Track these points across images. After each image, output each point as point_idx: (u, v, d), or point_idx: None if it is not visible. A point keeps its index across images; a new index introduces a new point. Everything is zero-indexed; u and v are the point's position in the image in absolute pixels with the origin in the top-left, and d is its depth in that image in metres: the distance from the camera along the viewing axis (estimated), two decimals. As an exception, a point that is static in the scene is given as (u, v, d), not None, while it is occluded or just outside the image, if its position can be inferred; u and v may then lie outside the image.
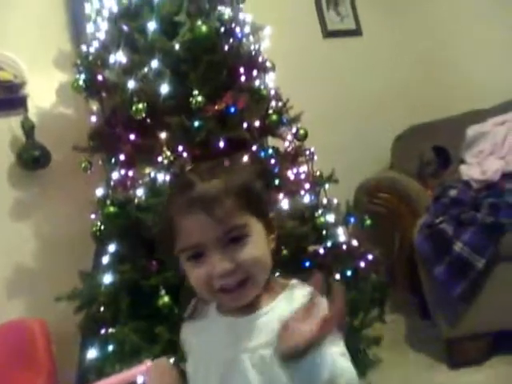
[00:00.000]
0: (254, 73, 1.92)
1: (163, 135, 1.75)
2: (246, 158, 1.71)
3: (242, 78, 1.86)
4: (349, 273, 1.90)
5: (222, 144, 1.73)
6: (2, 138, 2.13)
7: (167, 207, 0.79)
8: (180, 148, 1.73)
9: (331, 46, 3.22)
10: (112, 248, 1.70)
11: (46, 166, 2.13)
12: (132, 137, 1.79)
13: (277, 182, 1.84)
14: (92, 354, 1.65)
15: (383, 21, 3.38)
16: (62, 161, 2.17)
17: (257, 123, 1.82)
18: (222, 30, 1.83)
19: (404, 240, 2.25)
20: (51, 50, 2.30)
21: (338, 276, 1.84)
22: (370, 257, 1.97)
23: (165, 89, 1.74)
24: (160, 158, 1.73)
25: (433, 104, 3.20)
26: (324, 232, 1.88)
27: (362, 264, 1.94)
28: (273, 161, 1.85)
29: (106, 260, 1.71)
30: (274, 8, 2.75)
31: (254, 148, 1.80)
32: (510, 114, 2.78)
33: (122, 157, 1.82)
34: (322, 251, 1.86)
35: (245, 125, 1.78)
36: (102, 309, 1.69)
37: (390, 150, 2.95)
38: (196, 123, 1.71)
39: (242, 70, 1.85)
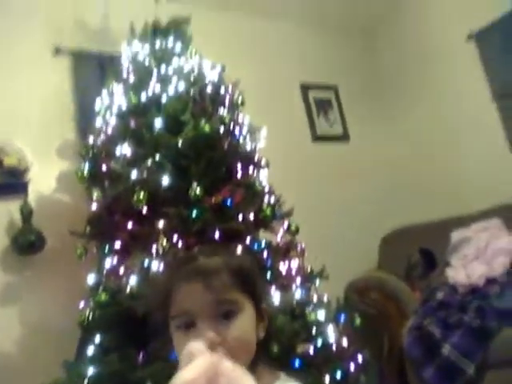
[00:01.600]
0: (250, 169, 2.03)
1: (161, 224, 1.79)
2: (239, 250, 1.75)
3: (239, 174, 1.96)
4: (338, 375, 1.85)
5: (217, 234, 1.77)
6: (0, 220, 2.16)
7: (167, 275, 0.84)
8: (176, 237, 1.77)
9: (320, 149, 3.42)
10: (99, 338, 1.66)
11: (40, 251, 2.14)
12: (130, 225, 1.83)
13: (269, 275, 1.86)
14: None
15: (369, 128, 3.64)
16: (56, 247, 2.19)
17: (251, 216, 1.89)
18: (223, 129, 1.96)
19: (393, 341, 2.23)
20: (56, 139, 2.42)
21: (327, 378, 1.79)
22: (360, 358, 1.94)
23: (166, 180, 1.82)
24: (155, 247, 1.76)
25: (418, 207, 3.35)
26: (314, 329, 1.87)
27: (352, 365, 1.91)
28: (265, 254, 1.88)
29: (91, 350, 1.66)
30: (270, 112, 2.97)
31: (248, 240, 1.85)
32: (492, 222, 2.89)
33: (117, 244, 1.85)
34: (311, 351, 1.84)
35: (240, 217, 1.84)
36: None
37: (377, 250, 3.02)
38: (194, 213, 1.77)
39: (239, 166, 1.96)
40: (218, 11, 3.15)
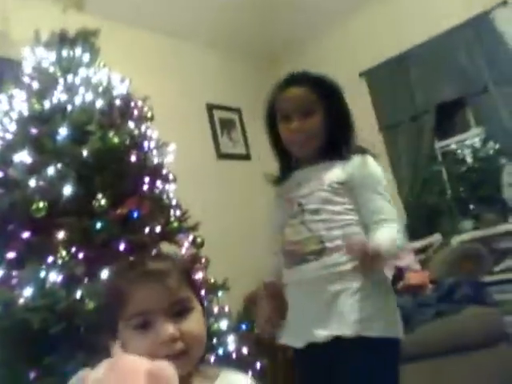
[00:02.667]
0: (158, 183, 2.05)
1: (60, 235, 1.75)
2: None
3: (146, 187, 1.98)
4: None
5: (122, 246, 1.77)
6: None
7: (117, 279, 0.87)
8: (76, 249, 1.74)
9: (224, 167, 3.53)
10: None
11: None
12: (26, 235, 1.76)
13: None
14: None
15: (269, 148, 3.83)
16: None
17: (158, 229, 1.91)
18: (130, 142, 1.97)
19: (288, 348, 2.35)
20: None
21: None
22: (258, 365, 2.03)
23: (68, 190, 1.78)
24: (53, 258, 1.71)
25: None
26: (216, 339, 1.93)
27: (251, 373, 1.99)
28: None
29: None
30: (176, 128, 3.01)
31: (154, 252, 1.86)
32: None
33: (10, 254, 1.76)
34: (212, 360, 1.89)
35: (146, 230, 1.85)
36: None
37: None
38: (98, 225, 1.75)
39: (146, 179, 1.98)
40: (128, 26, 3.15)
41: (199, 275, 2.03)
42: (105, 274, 1.72)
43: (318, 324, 1.24)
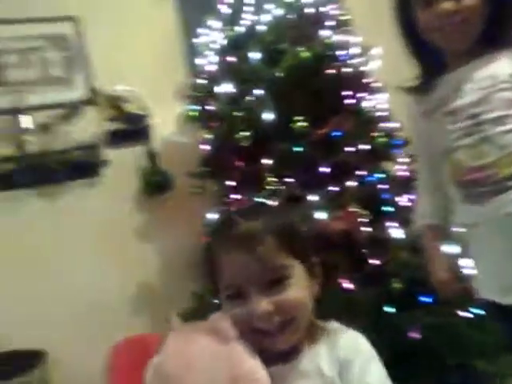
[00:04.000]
0: (362, 94, 1.84)
1: (268, 162, 1.74)
2: (351, 183, 1.64)
3: (349, 101, 1.79)
4: (475, 311, 1.68)
5: (326, 169, 1.67)
6: (129, 165, 2.30)
7: (211, 245, 0.79)
8: (283, 174, 1.72)
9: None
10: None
11: (169, 190, 2.27)
12: (239, 163, 1.82)
13: (388, 208, 1.72)
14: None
15: None
16: (185, 186, 2.22)
17: (365, 147, 1.73)
18: (326, 53, 1.78)
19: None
20: (170, 83, 2.42)
21: (461, 313, 1.64)
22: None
23: (268, 116, 1.74)
24: (265, 185, 1.73)
25: None
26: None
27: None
28: (383, 186, 1.74)
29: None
30: (378, 30, 2.63)
31: (361, 173, 1.71)
32: None
33: (230, 183, 1.85)
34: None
35: (350, 149, 1.70)
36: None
37: None
38: (297, 148, 1.69)
39: (347, 92, 1.79)
40: None
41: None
42: (312, 197, 1.68)
43: None
